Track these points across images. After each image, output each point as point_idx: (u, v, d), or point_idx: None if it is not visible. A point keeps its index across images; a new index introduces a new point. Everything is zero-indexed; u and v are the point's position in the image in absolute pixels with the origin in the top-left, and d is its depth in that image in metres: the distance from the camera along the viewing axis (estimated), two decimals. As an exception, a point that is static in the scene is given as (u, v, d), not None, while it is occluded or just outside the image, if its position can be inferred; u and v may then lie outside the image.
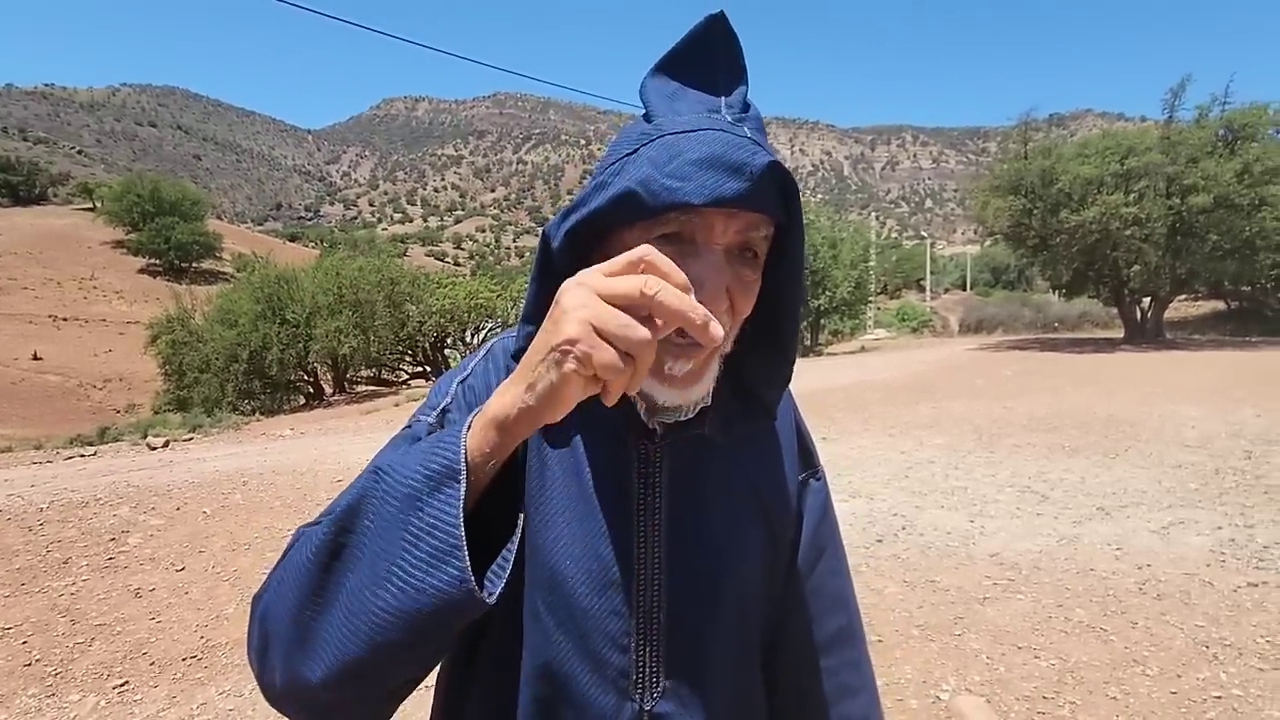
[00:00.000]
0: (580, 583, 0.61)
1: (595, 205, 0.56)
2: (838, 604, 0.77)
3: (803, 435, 0.79)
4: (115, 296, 34.30)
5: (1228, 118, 17.26)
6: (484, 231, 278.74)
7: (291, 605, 0.51)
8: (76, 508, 5.42)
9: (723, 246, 0.55)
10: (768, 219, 0.56)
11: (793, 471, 0.75)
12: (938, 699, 2.60)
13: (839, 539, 0.81)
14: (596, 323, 0.43)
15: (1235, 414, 7.55)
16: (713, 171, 0.52)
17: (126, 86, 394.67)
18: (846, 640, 0.77)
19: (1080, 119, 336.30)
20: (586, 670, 0.61)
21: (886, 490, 5.31)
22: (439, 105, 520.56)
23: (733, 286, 0.56)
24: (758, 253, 0.58)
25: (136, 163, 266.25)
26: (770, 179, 0.53)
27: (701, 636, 0.64)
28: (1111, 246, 17.42)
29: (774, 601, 0.73)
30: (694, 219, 0.54)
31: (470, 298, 18.17)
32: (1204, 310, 25.97)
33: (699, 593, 0.64)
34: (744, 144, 0.54)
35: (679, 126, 0.56)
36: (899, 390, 10.89)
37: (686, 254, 0.55)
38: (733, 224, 0.55)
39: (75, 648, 3.22)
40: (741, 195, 0.52)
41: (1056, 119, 69.39)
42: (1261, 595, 3.30)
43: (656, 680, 0.62)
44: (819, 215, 24.67)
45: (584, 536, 0.62)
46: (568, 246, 0.58)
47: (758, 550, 0.69)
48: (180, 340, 15.89)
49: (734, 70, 0.59)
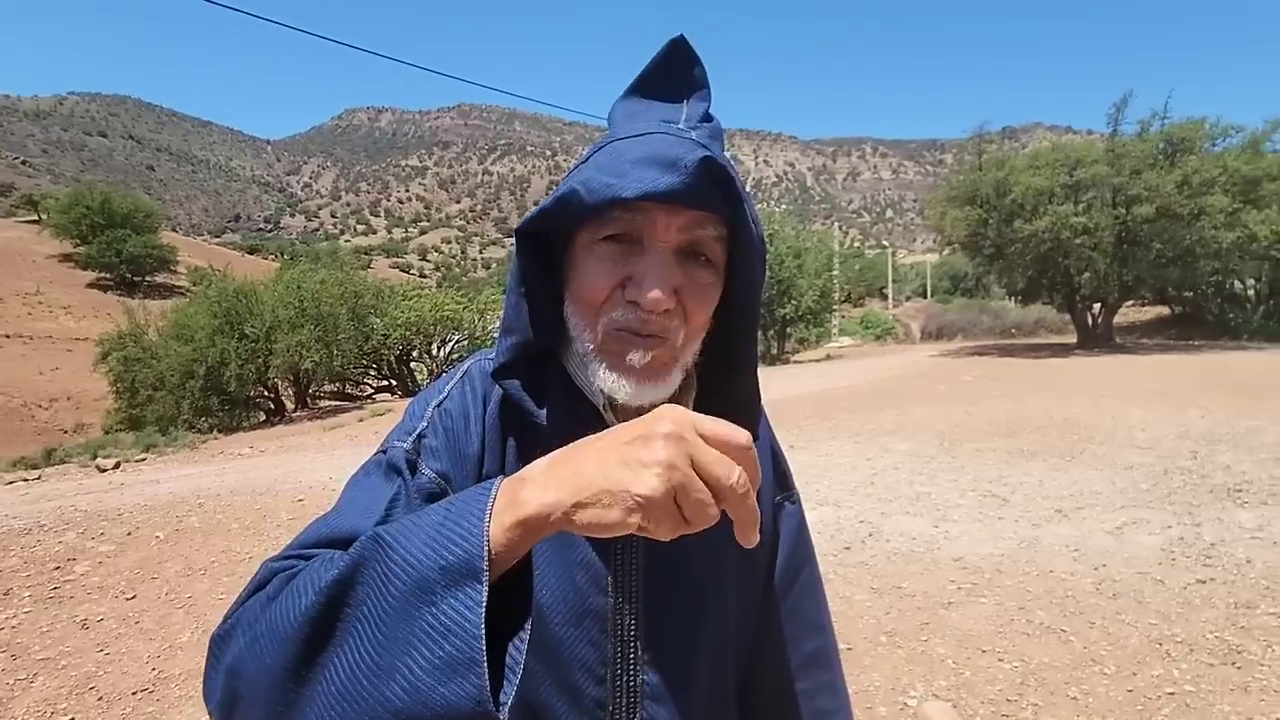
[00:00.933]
0: (556, 613, 0.61)
1: (542, 206, 0.58)
2: (813, 627, 0.78)
3: (778, 458, 0.79)
4: (63, 312, 32.93)
5: (1167, 132, 18.07)
6: (450, 243, 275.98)
7: (270, 673, 0.46)
8: (18, 535, 5.17)
9: (670, 246, 0.56)
10: (714, 218, 0.56)
11: (767, 494, 0.75)
12: (905, 705, 2.63)
13: (814, 562, 0.81)
14: (680, 495, 0.41)
15: (1182, 416, 7.85)
16: (648, 168, 0.54)
17: (74, 95, 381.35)
18: (822, 662, 0.78)
19: (1031, 131, 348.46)
20: (563, 702, 0.61)
21: (853, 497, 5.38)
22: (402, 116, 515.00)
23: (685, 289, 0.57)
24: (710, 257, 0.58)
25: (85, 173, 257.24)
26: (706, 174, 0.54)
27: (679, 666, 0.64)
28: (1063, 255, 18.05)
29: (749, 625, 0.73)
30: (638, 217, 0.55)
31: (436, 310, 17.92)
32: (1150, 315, 27.03)
33: (676, 622, 0.64)
34: (683, 143, 0.55)
35: (628, 134, 0.58)
36: (864, 397, 11.08)
37: (633, 253, 0.56)
38: (675, 221, 0.55)
39: (16, 684, 3.06)
40: (674, 189, 0.53)
41: (1009, 131, 71.70)
42: (1209, 591, 3.43)
43: (633, 711, 0.62)
44: (784, 225, 25.03)
45: (561, 566, 0.62)
46: (529, 250, 0.60)
47: (733, 576, 0.69)
48: (133, 356, 15.32)
49: (694, 86, 0.62)
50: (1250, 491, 4.96)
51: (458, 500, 0.47)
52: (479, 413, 0.65)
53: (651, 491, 0.41)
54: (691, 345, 0.60)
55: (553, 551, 0.62)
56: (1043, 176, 17.92)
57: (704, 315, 0.59)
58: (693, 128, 0.59)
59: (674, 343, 0.58)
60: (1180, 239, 17.03)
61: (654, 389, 0.58)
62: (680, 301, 0.57)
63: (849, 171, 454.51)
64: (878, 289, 54.54)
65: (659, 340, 0.57)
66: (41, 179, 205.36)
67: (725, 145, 0.61)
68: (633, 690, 0.62)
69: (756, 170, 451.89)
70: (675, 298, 0.56)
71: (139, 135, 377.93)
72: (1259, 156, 18.29)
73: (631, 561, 0.63)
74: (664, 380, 0.59)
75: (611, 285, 0.57)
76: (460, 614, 0.42)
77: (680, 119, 0.60)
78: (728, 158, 0.58)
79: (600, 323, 0.57)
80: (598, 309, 0.57)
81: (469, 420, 0.65)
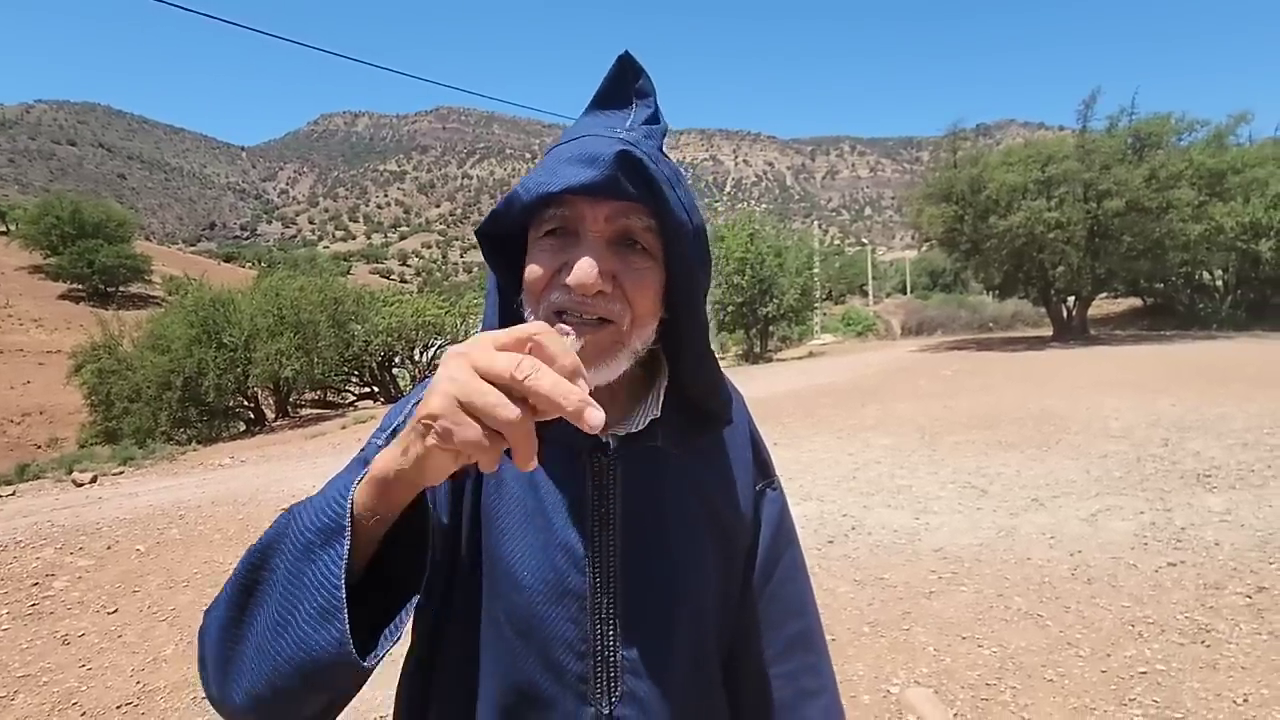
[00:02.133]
0: (537, 591, 0.64)
1: (494, 209, 0.63)
2: (795, 610, 0.80)
3: (758, 445, 0.81)
4: (33, 324, 32.20)
5: (1135, 127, 18.47)
6: (430, 248, 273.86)
7: (215, 631, 0.55)
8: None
9: (602, 235, 0.60)
10: (638, 208, 0.59)
11: (747, 481, 0.77)
12: (889, 693, 2.68)
13: (797, 546, 0.83)
14: (463, 398, 0.42)
15: (1153, 404, 8.04)
16: (573, 165, 0.58)
17: (41, 103, 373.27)
18: (805, 644, 0.79)
19: (1004, 128, 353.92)
20: (547, 676, 0.64)
21: (836, 492, 5.45)
22: (380, 120, 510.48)
23: (623, 274, 0.60)
24: (645, 245, 0.61)
25: (55, 183, 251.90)
26: (621, 166, 0.57)
27: (657, 642, 0.66)
28: (1037, 249, 18.36)
29: (731, 609, 0.75)
30: (569, 212, 0.60)
31: (418, 315, 17.80)
32: (1123, 307, 27.54)
33: (654, 600, 0.66)
34: (608, 141, 0.59)
35: (568, 138, 0.63)
36: (846, 393, 11.20)
37: (570, 245, 0.60)
38: (599, 211, 0.59)
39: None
40: (593, 181, 0.57)
41: (983, 129, 72.60)
42: (1180, 574, 3.53)
43: (614, 685, 0.64)
44: (764, 224, 25.19)
45: (541, 547, 0.65)
46: (490, 251, 0.65)
47: (712, 559, 0.71)
48: (107, 368, 15.03)
49: (640, 95, 0.66)
50: (1219, 476, 5.10)
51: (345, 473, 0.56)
52: None
53: (434, 409, 0.43)
54: (641, 330, 0.62)
55: (533, 534, 0.65)
56: (1016, 173, 18.22)
57: (646, 300, 0.61)
58: (629, 130, 0.62)
59: (619, 326, 0.61)
60: (1150, 232, 17.41)
61: (598, 370, 0.60)
62: (620, 287, 0.60)
63: (828, 170, 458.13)
64: (858, 286, 55.03)
65: (600, 322, 0.60)
66: (9, 189, 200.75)
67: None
68: (612, 666, 0.65)
69: (736, 170, 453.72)
70: (613, 282, 0.60)
71: (109, 143, 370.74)
72: (1223, 150, 18.79)
73: (609, 542, 0.66)
74: (607, 363, 0.61)
75: (549, 273, 0.61)
76: (327, 568, 0.48)
77: (623, 125, 0.63)
78: (657, 152, 0.62)
79: (541, 307, 0.61)
80: (538, 296, 0.61)
81: None
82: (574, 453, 0.67)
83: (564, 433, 0.65)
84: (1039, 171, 18.24)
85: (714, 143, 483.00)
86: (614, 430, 0.67)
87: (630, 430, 0.67)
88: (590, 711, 0.64)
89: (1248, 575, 3.44)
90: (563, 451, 0.67)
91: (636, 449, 0.67)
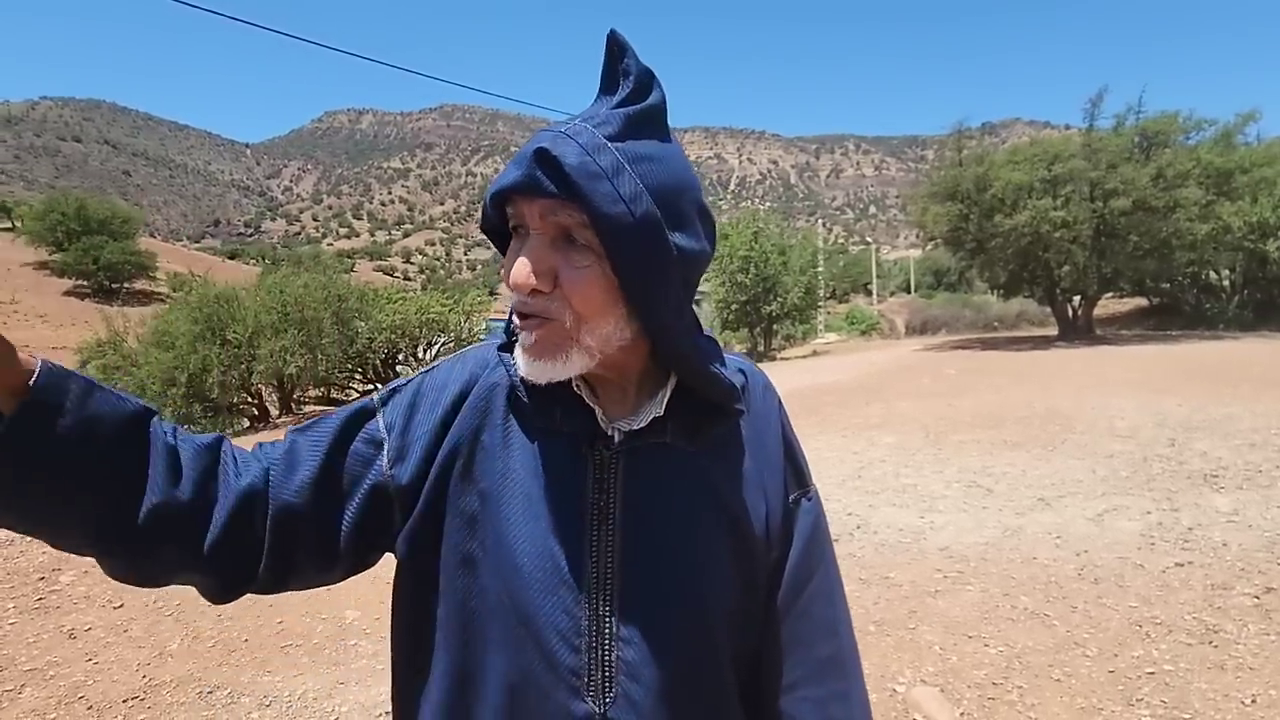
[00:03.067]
0: (534, 579, 0.63)
1: (482, 207, 0.65)
2: (827, 631, 0.75)
3: (793, 451, 0.78)
4: (39, 321, 32.37)
5: (1142, 126, 18.40)
6: (434, 245, 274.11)
7: None
8: (0, 547, 5.10)
9: (542, 232, 0.60)
10: (567, 205, 0.57)
11: (777, 488, 0.74)
12: (895, 691, 2.68)
13: (832, 563, 0.78)
14: None
15: (1160, 404, 8.00)
16: (512, 164, 0.59)
17: (47, 100, 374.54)
18: (835, 670, 0.74)
19: (1010, 127, 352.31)
20: (543, 667, 0.63)
21: (841, 491, 5.44)
22: (384, 117, 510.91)
23: (561, 270, 0.60)
24: (583, 240, 0.59)
25: (60, 180, 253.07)
26: (540, 163, 0.57)
27: (655, 641, 0.64)
28: (1043, 248, 18.30)
29: (751, 619, 0.71)
30: (518, 210, 0.61)
31: (421, 313, 17.81)
32: (1129, 307, 27.45)
33: (653, 597, 0.65)
34: (544, 137, 0.59)
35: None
36: (851, 392, 11.18)
37: (525, 243, 0.61)
38: (534, 209, 0.59)
39: (4, 695, 3.03)
40: (516, 181, 0.58)
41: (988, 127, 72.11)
42: (1187, 574, 3.51)
43: (609, 684, 0.63)
44: (768, 223, 25.16)
45: (540, 536, 0.64)
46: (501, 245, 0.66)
47: (725, 561, 0.68)
48: (112, 365, 15.09)
49: (624, 74, 0.64)
50: (1226, 477, 5.07)
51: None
52: (459, 387, 0.70)
53: None
54: (590, 327, 0.60)
55: (533, 522, 0.65)
56: (1022, 171, 18.16)
57: (583, 297, 0.59)
58: (592, 118, 0.60)
59: (560, 323, 0.60)
60: (1156, 231, 17.34)
61: (547, 366, 0.61)
62: (559, 284, 0.60)
63: (832, 168, 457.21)
64: (862, 285, 54.97)
65: (541, 320, 0.60)
66: (15, 186, 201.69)
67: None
68: (608, 665, 0.63)
69: (741, 168, 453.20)
70: (553, 280, 0.60)
71: (114, 140, 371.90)
72: (1231, 149, 18.71)
73: (608, 536, 0.65)
74: (555, 359, 0.61)
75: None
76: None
77: (600, 107, 0.62)
78: (598, 142, 0.58)
79: (513, 306, 0.64)
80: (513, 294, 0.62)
81: (444, 390, 0.70)
82: (577, 445, 0.66)
83: (570, 424, 0.66)
84: (1045, 170, 18.17)
85: (718, 141, 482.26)
86: (619, 425, 0.66)
87: (634, 427, 0.66)
88: (584, 708, 0.62)
89: (1256, 576, 3.42)
90: (567, 442, 0.66)
91: (642, 445, 0.66)
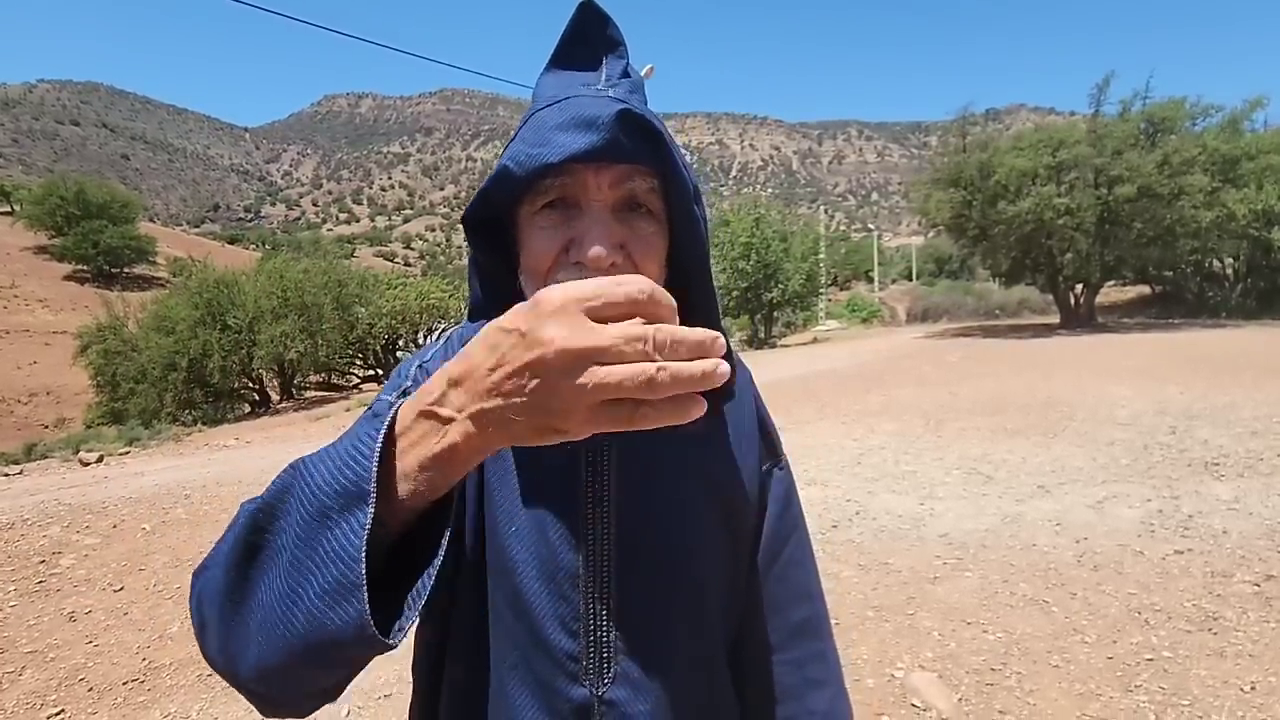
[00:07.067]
0: (531, 567, 0.62)
1: (481, 189, 0.59)
2: (802, 595, 0.77)
3: (765, 425, 0.79)
4: (39, 305, 32.35)
5: (1148, 112, 18.23)
6: (434, 231, 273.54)
7: (215, 596, 0.49)
8: (1, 530, 5.11)
9: (605, 203, 0.57)
10: (642, 170, 0.57)
11: (753, 461, 0.75)
12: (893, 677, 2.68)
13: (804, 531, 0.80)
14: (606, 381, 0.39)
15: (1161, 392, 7.99)
16: (569, 131, 0.55)
17: (44, 83, 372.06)
18: (811, 632, 0.76)
19: (1014, 113, 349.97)
20: (539, 654, 0.62)
21: (840, 477, 5.44)
22: (384, 102, 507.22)
23: (630, 242, 0.57)
24: (649, 208, 0.58)
25: (58, 163, 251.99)
26: (624, 127, 0.54)
27: (652, 622, 0.64)
28: (1046, 235, 18.22)
29: (737, 592, 0.72)
30: (568, 180, 0.56)
31: (421, 298, 17.83)
32: (1131, 295, 27.39)
33: (649, 579, 0.64)
34: (600, 101, 0.56)
35: (547, 102, 0.59)
36: (851, 379, 11.16)
37: (572, 216, 0.57)
38: (603, 178, 0.56)
39: (4, 677, 3.04)
40: (596, 146, 0.54)
41: (992, 114, 71.66)
42: (1187, 561, 3.51)
43: (606, 666, 0.62)
44: (769, 209, 25.03)
45: (536, 523, 0.63)
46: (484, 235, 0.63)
47: (715, 538, 0.69)
48: (113, 350, 15.11)
49: (609, 45, 0.62)
50: (1227, 465, 5.06)
51: (361, 424, 0.49)
52: None
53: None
54: None
55: (529, 510, 0.63)
56: (1026, 158, 18.04)
57: (653, 265, 0.59)
58: (611, 85, 0.59)
59: None
60: (1160, 218, 17.24)
61: None
62: (628, 255, 0.57)
63: (835, 155, 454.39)
64: (863, 272, 54.80)
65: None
66: (13, 169, 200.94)
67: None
68: (605, 646, 0.63)
69: (742, 154, 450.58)
70: (623, 252, 0.57)
71: (113, 123, 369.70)
72: (1238, 136, 18.54)
73: (604, 520, 0.64)
74: None
75: (555, 251, 0.57)
76: (346, 538, 0.42)
77: (600, 80, 0.60)
78: (649, 109, 0.58)
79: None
80: (544, 276, 0.58)
81: None
82: None
83: None
84: (1049, 157, 18.05)
85: (720, 126, 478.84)
86: None
87: None
88: (582, 692, 0.62)
89: (1256, 563, 3.42)
90: None
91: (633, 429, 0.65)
